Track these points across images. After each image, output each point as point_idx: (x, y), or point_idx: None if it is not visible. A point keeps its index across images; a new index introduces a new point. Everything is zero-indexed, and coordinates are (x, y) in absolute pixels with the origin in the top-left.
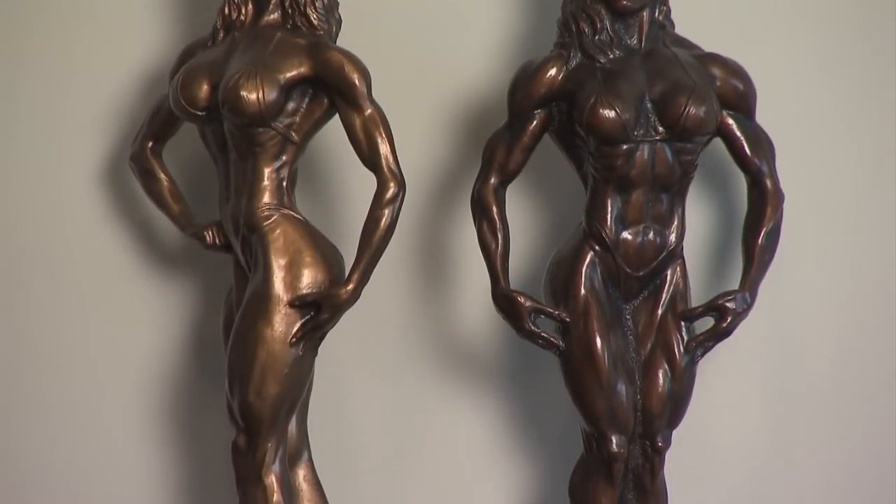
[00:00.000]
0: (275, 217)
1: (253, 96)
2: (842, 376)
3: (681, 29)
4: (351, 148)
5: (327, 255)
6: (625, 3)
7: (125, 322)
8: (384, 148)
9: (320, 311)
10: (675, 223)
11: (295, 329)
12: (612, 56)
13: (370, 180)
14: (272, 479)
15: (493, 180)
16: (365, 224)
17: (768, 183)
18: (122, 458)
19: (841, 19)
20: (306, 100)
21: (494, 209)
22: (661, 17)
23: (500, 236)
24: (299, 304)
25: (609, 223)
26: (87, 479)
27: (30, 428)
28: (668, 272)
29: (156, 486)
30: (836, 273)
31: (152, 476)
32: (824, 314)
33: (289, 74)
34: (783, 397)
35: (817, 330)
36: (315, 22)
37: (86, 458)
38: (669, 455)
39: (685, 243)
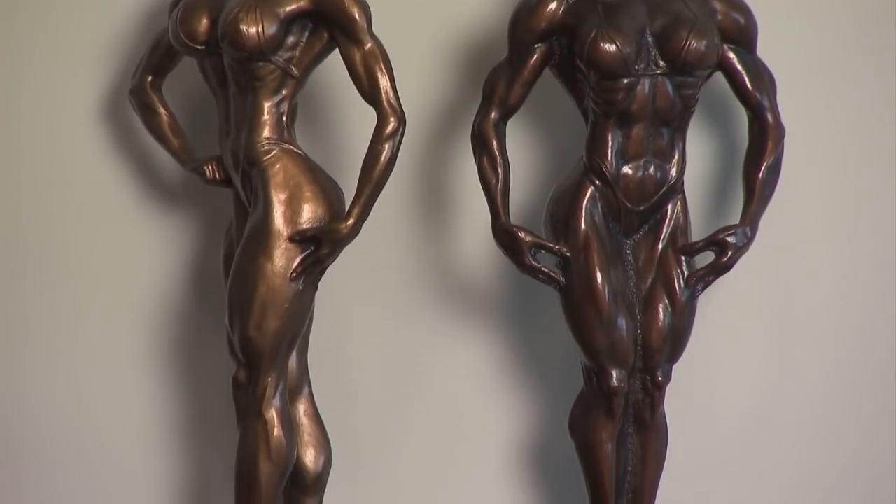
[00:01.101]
0: (275, 152)
1: (252, 30)
2: (841, 310)
3: None
4: (351, 83)
5: (327, 189)
6: None
7: (125, 257)
8: (384, 82)
9: (320, 246)
10: (676, 157)
11: (295, 264)
12: None
13: (370, 115)
14: (273, 414)
15: (493, 115)
16: (365, 159)
17: (769, 117)
18: (121, 393)
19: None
20: (306, 34)
21: (495, 144)
22: None
23: (500, 171)
24: (299, 238)
25: (609, 158)
26: (87, 412)
27: (30, 362)
28: (669, 207)
29: (156, 420)
30: (836, 207)
31: (152, 410)
32: (824, 248)
33: (288, 8)
34: (783, 331)
35: (817, 264)
36: None
37: (86, 393)
38: (669, 389)
39: (686, 178)
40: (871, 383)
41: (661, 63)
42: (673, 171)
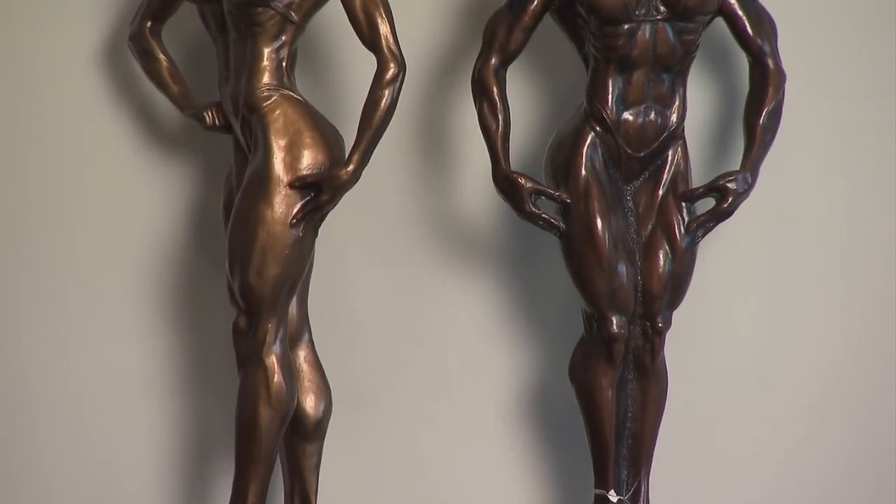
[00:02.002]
0: (274, 98)
1: None
2: (842, 256)
3: None
4: (351, 28)
5: (327, 136)
6: None
7: (125, 204)
8: (384, 28)
9: (320, 193)
10: (677, 103)
11: (295, 210)
12: None
13: (370, 61)
14: (273, 360)
15: (493, 61)
16: (365, 105)
17: (770, 62)
18: (121, 340)
19: None
20: None
21: (495, 90)
22: None
23: (500, 117)
24: (299, 185)
25: (610, 104)
26: (86, 361)
27: (27, 313)
28: (669, 153)
29: (156, 367)
30: (837, 153)
31: (152, 358)
32: (825, 194)
33: None
34: (783, 277)
35: (818, 209)
36: None
37: (84, 341)
38: (669, 336)
39: (686, 124)
40: (871, 328)
41: (662, 8)
42: (673, 118)
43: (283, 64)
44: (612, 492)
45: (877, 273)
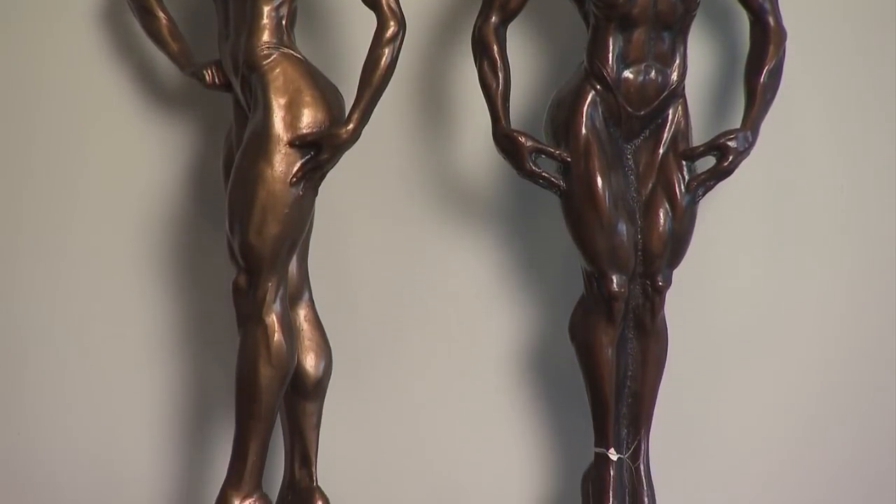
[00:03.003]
0: (274, 56)
1: None
2: (842, 213)
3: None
4: None
5: (327, 94)
6: None
7: (124, 162)
8: None
9: (320, 151)
10: (677, 62)
11: (295, 169)
12: None
13: (370, 19)
14: (273, 319)
15: (493, 19)
16: (365, 63)
17: (770, 20)
18: (121, 299)
19: None
20: None
21: (495, 48)
22: None
23: (500, 76)
24: (299, 143)
25: (610, 62)
26: (86, 320)
27: (27, 271)
28: (670, 111)
29: (157, 326)
30: (837, 110)
31: (153, 316)
32: (826, 151)
33: None
34: (783, 235)
35: (819, 167)
36: None
37: (84, 300)
38: (669, 294)
39: (687, 82)
40: (872, 285)
41: None
42: (674, 76)
43: (283, 22)
44: (612, 450)
45: (878, 232)
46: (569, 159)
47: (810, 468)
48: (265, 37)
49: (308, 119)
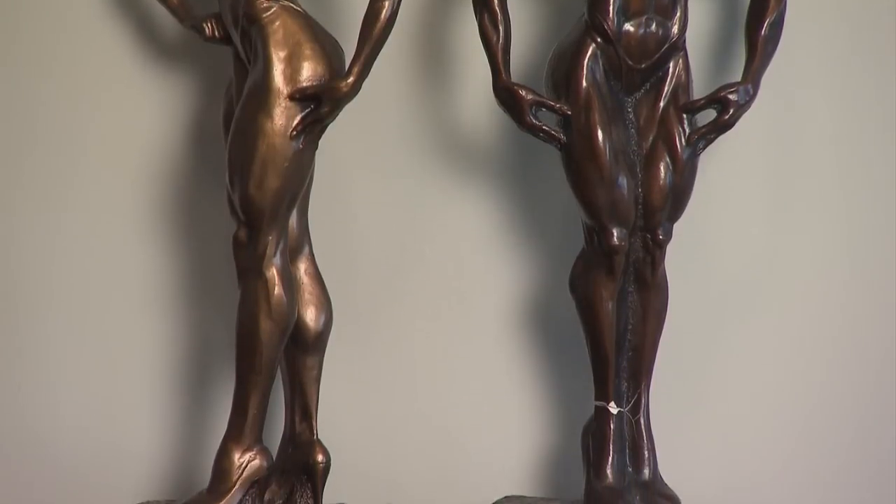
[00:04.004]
0: (274, 9)
1: None
2: (844, 166)
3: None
4: None
5: (327, 47)
6: None
7: (124, 116)
8: None
9: (320, 105)
10: (678, 14)
11: (295, 122)
12: None
13: None
14: (273, 272)
15: None
16: (365, 16)
17: None
18: (121, 253)
19: None
20: None
21: (496, 1)
22: None
23: (501, 28)
24: (299, 97)
25: (611, 15)
26: (86, 273)
27: (27, 223)
28: (671, 65)
29: (157, 280)
30: (839, 63)
31: (153, 270)
32: (827, 104)
33: None
34: (783, 189)
35: (819, 121)
36: None
37: (85, 253)
38: (670, 248)
39: (688, 35)
40: (873, 237)
41: None
42: (675, 29)
43: None
44: (612, 403)
45: (879, 184)
46: (569, 112)
47: (811, 420)
48: None
49: (308, 72)
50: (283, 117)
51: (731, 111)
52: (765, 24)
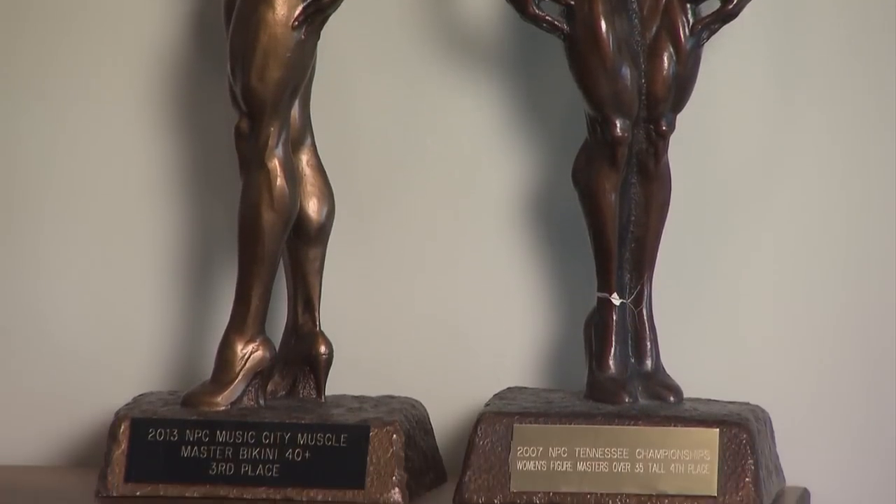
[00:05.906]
0: None
1: None
2: (845, 61)
3: None
4: None
5: None
6: None
7: (124, 7)
8: None
9: None
10: None
11: (297, 12)
12: None
13: None
14: (275, 163)
15: None
16: None
17: None
18: (124, 145)
19: None
20: None
21: None
22: None
23: None
24: None
25: None
26: (88, 164)
27: (27, 113)
28: None
29: (159, 171)
30: None
31: (154, 161)
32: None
33: None
34: (787, 80)
35: (826, 9)
36: None
37: (86, 144)
38: (673, 139)
39: None
40: (875, 134)
41: None
42: None
43: None
44: (614, 295)
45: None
46: (573, 2)
47: (813, 311)
48: None
49: None
50: (284, 7)
51: (736, 1)
52: None
